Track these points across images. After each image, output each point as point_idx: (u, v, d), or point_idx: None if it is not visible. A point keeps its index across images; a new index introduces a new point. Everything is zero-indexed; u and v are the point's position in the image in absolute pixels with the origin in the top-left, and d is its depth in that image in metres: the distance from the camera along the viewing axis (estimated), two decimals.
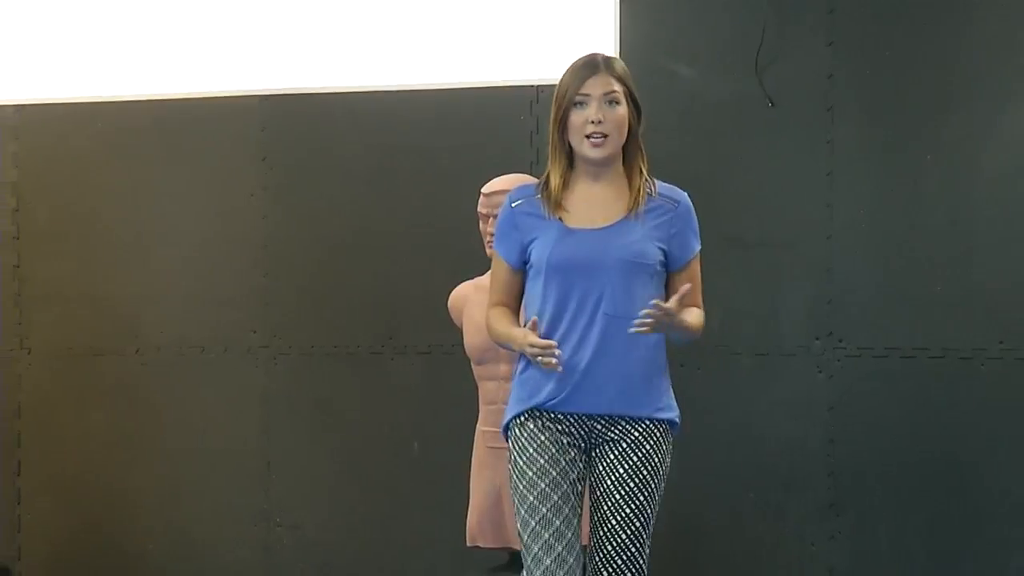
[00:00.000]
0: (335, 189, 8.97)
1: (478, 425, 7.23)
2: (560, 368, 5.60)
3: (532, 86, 8.45)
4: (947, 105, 8.06)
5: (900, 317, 8.13)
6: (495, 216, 6.32)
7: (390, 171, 8.87)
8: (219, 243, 9.14)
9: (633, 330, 5.54)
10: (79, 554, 9.32)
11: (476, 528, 7.68)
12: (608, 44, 8.27)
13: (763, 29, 8.21)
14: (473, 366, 7.53)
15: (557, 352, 5.57)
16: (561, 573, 5.67)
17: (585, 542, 5.87)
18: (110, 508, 9.28)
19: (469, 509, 7.80)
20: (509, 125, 7.22)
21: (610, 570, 5.75)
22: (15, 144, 9.49)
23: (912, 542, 8.12)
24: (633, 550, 5.75)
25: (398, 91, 8.98)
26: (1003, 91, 7.99)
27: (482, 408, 7.17)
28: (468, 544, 7.81)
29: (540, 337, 5.63)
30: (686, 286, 5.60)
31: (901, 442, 8.14)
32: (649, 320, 5.52)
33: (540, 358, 5.57)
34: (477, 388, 7.29)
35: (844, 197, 8.19)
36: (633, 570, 5.75)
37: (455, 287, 7.22)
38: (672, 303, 5.54)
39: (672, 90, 8.30)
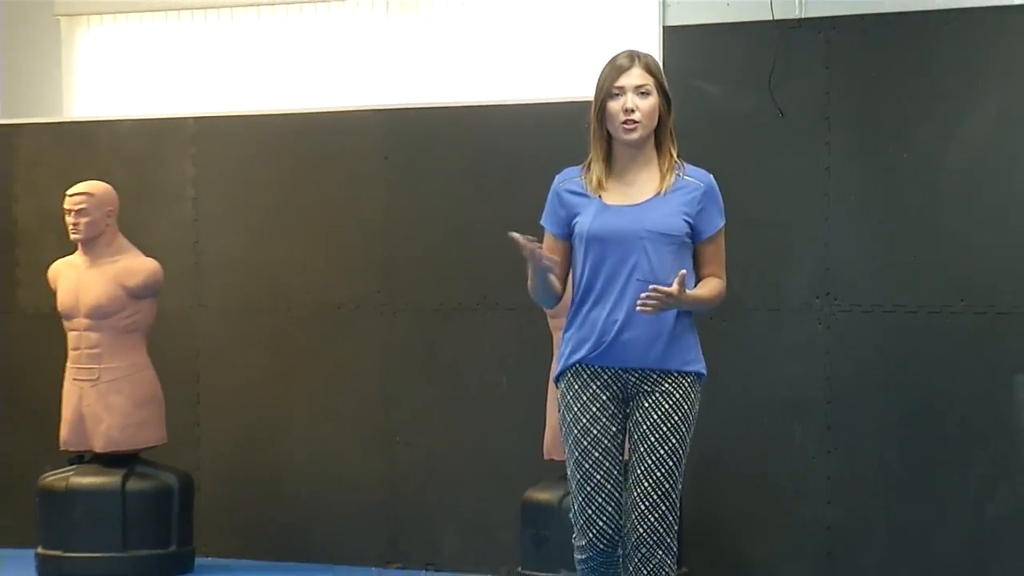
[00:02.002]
0: (440, 182, 8.96)
1: (552, 364, 7.07)
2: (545, 263, 5.34)
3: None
4: (920, 115, 7.99)
5: (883, 280, 8.05)
6: None
7: (484, 168, 8.84)
8: (350, 223, 9.14)
9: (638, 309, 5.27)
10: (243, 464, 9.37)
11: (550, 444, 7.81)
12: None
13: (774, 56, 8.11)
14: (548, 319, 7.64)
15: (535, 244, 5.31)
16: (602, 521, 5.39)
17: None
18: (267, 429, 9.31)
19: (545, 430, 7.90)
20: (574, 133, 6.95)
21: (647, 503, 5.38)
22: (193, 148, 9.46)
23: (892, 457, 8.03)
24: (667, 486, 5.38)
25: (488, 105, 9.00)
26: (964, 104, 7.90)
27: (556, 351, 6.89)
28: (544, 457, 8.01)
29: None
30: (681, 272, 5.26)
31: (884, 379, 8.06)
32: (651, 302, 5.24)
33: (534, 257, 5.32)
34: (552, 336, 7.29)
35: (838, 187, 8.12)
36: (667, 504, 5.38)
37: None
38: (673, 287, 5.22)
39: (702, 104, 8.20)
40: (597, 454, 5.41)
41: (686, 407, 5.41)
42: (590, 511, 5.40)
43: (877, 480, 8.01)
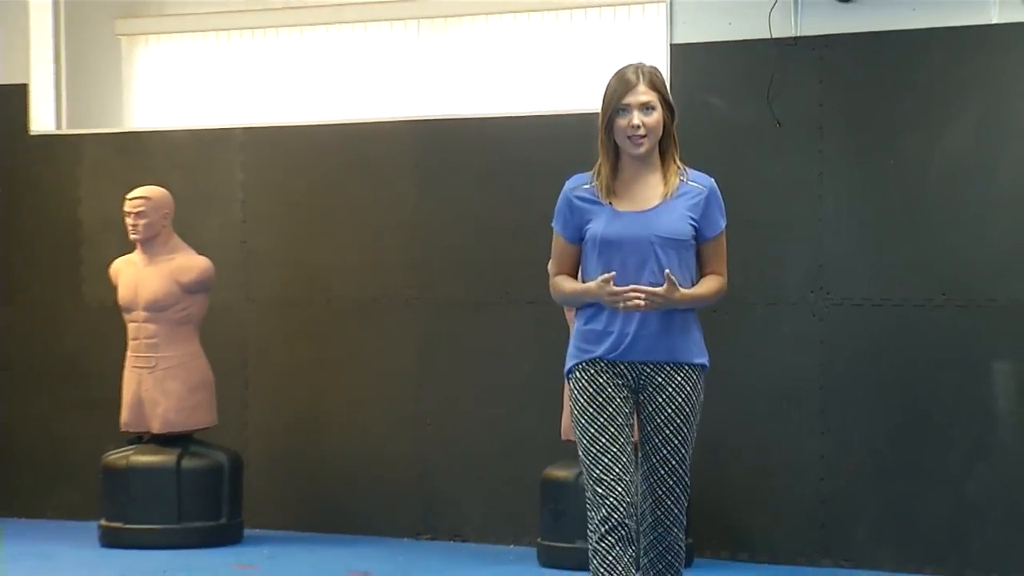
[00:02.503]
0: (466, 187, 8.94)
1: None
2: (643, 304, 5.11)
3: None
4: (906, 125, 7.96)
5: (872, 276, 8.02)
6: None
7: (504, 174, 8.82)
8: (384, 224, 9.14)
9: (621, 307, 5.12)
10: (288, 444, 9.36)
11: (567, 427, 7.75)
12: None
13: (772, 71, 8.09)
14: (565, 312, 7.54)
15: (640, 297, 5.12)
16: (619, 489, 5.16)
17: None
18: (309, 412, 9.30)
19: (562, 413, 7.86)
20: (587, 142, 6.91)
21: (663, 489, 5.26)
22: (242, 155, 9.47)
23: (879, 438, 7.99)
24: (680, 473, 5.26)
25: (508, 117, 9.01)
26: (946, 115, 7.88)
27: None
28: (562, 438, 7.98)
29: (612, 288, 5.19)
30: (666, 272, 5.13)
31: (873, 366, 8.04)
32: (641, 301, 5.10)
33: (617, 303, 5.11)
34: (567, 328, 7.03)
35: (831, 191, 8.09)
36: (680, 488, 5.26)
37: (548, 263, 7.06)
38: (664, 287, 5.10)
39: (707, 115, 8.18)
40: (613, 429, 5.21)
41: (694, 399, 5.28)
42: (605, 485, 5.18)
43: (866, 459, 7.98)
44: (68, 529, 9.27)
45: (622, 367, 5.25)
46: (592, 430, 5.21)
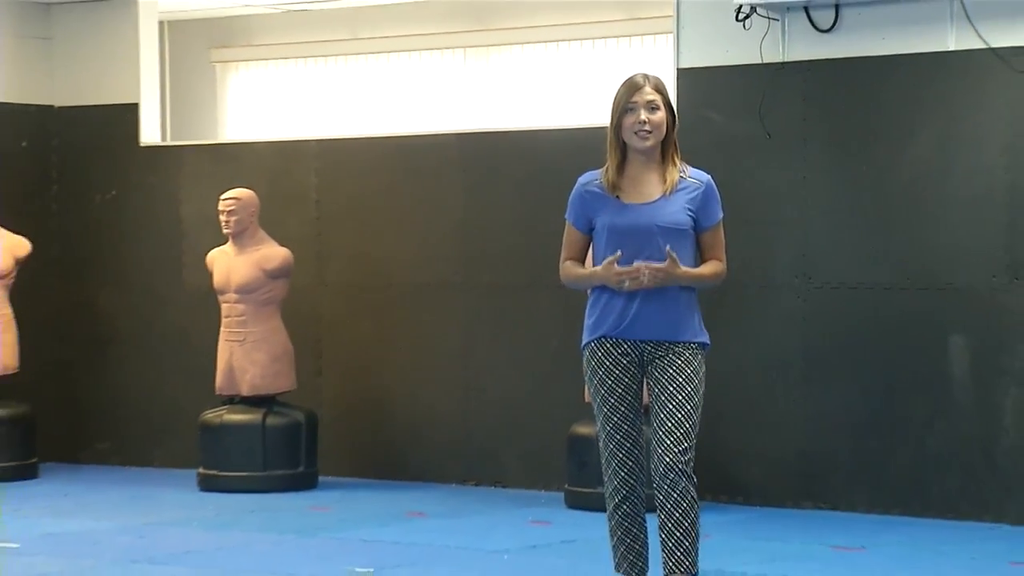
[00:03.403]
0: (505, 189, 8.88)
1: None
2: (646, 280, 4.96)
3: None
4: (876, 137, 7.90)
5: (848, 264, 7.96)
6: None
7: (536, 178, 8.71)
8: (436, 221, 9.06)
9: (627, 285, 4.97)
10: (355, 405, 9.32)
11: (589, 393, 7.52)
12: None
13: (763, 92, 8.02)
14: (587, 294, 7.35)
15: (641, 268, 4.98)
16: (628, 465, 5.09)
17: None
18: (373, 379, 9.27)
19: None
20: (603, 151, 6.92)
21: (671, 440, 5.04)
22: (316, 163, 9.41)
23: (854, 401, 7.94)
24: (687, 426, 5.06)
25: (539, 130, 8.95)
26: (908, 129, 7.83)
27: None
28: (585, 400, 7.76)
29: (602, 284, 5.09)
30: (667, 248, 4.97)
31: (848, 341, 7.98)
32: (646, 278, 4.96)
33: (623, 284, 4.98)
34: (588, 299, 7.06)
35: (813, 192, 8.04)
36: (687, 440, 5.05)
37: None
38: (666, 263, 4.96)
39: (708, 128, 8.11)
40: (624, 408, 5.10)
41: (695, 364, 5.11)
42: (616, 462, 5.10)
43: (842, 419, 7.93)
44: (172, 476, 9.30)
45: (627, 346, 5.09)
46: (605, 410, 5.11)
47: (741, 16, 7.93)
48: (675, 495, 5.05)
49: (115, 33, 9.86)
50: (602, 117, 8.76)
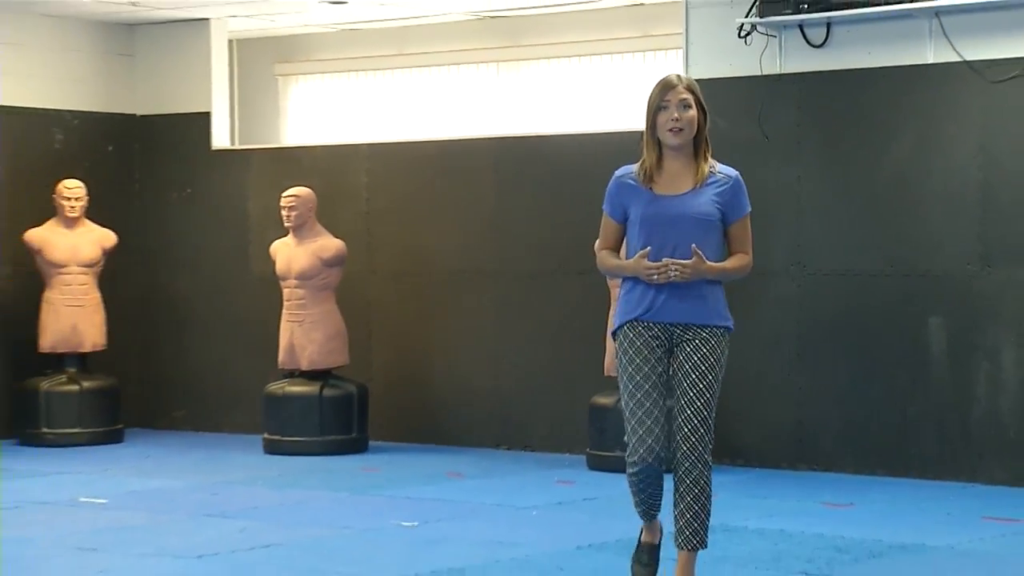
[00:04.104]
0: (533, 187, 8.80)
1: (610, 314, 6.85)
2: (676, 276, 4.77)
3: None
4: (861, 141, 7.87)
5: (838, 254, 7.93)
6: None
7: (563, 177, 8.69)
8: (471, 216, 9.04)
9: (656, 279, 4.76)
10: (401, 378, 9.30)
11: (609, 365, 7.74)
12: None
13: (762, 100, 8.00)
14: (608, 280, 7.44)
15: (669, 264, 4.78)
16: (650, 439, 4.82)
17: None
18: (417, 355, 9.26)
19: (605, 355, 7.86)
20: (621, 153, 6.90)
21: (690, 427, 4.86)
22: (367, 164, 9.37)
23: (842, 374, 7.92)
24: (705, 413, 4.86)
25: (564, 135, 8.90)
26: (891, 134, 7.79)
27: (613, 304, 6.78)
28: (604, 374, 8.11)
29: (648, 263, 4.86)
30: (693, 246, 4.76)
31: (838, 321, 7.96)
32: (674, 273, 4.76)
33: (654, 276, 4.77)
34: (609, 292, 7.17)
35: (806, 189, 8.01)
36: (705, 427, 4.87)
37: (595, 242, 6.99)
38: (693, 260, 4.74)
39: (714, 132, 7.79)
40: (648, 386, 4.83)
41: (718, 352, 4.88)
42: (642, 431, 4.84)
43: (832, 390, 7.91)
44: (239, 440, 9.31)
45: (657, 328, 4.86)
46: (631, 386, 4.85)
47: (743, 33, 7.93)
48: (689, 480, 4.91)
49: (190, 50, 9.88)
50: (618, 124, 8.84)
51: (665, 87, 4.87)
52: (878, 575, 5.57)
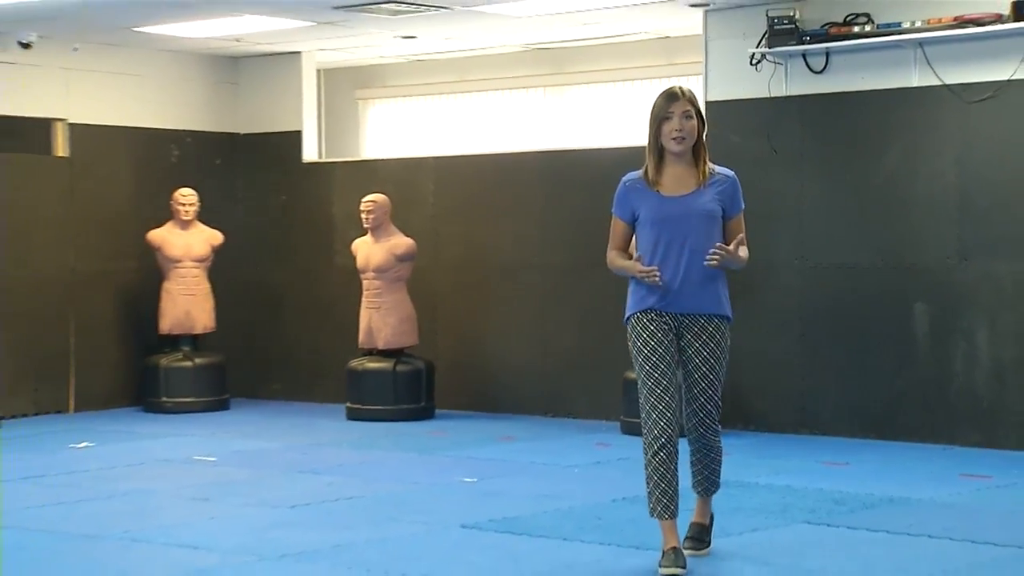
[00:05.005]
0: (574, 193, 8.74)
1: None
2: (659, 283, 4.66)
3: None
4: (855, 154, 7.81)
5: (836, 248, 7.88)
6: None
7: (599, 184, 8.44)
8: (520, 217, 9.00)
9: (706, 264, 4.66)
10: (462, 356, 9.26)
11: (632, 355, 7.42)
12: None
13: (770, 120, 8.01)
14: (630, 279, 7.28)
15: (657, 273, 4.66)
16: (665, 418, 4.66)
17: None
18: (475, 336, 9.21)
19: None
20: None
21: (699, 404, 4.81)
22: (434, 174, 9.37)
23: (839, 352, 7.87)
24: (713, 394, 4.81)
25: (599, 148, 8.84)
26: (881, 147, 7.72)
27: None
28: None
29: (644, 266, 4.71)
30: (740, 236, 4.67)
31: (836, 307, 7.89)
32: (716, 257, 4.66)
33: (646, 278, 4.68)
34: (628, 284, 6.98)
35: (808, 194, 7.96)
36: (713, 405, 4.82)
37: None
38: (732, 246, 4.68)
39: (730, 146, 7.96)
40: (663, 366, 4.68)
41: (724, 343, 4.78)
42: (661, 407, 4.67)
43: (830, 364, 7.86)
44: (326, 409, 9.35)
45: (667, 316, 4.73)
46: (647, 367, 4.68)
47: (754, 61, 7.95)
48: (703, 447, 4.88)
49: (284, 79, 9.93)
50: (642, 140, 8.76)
51: (669, 99, 4.70)
52: (870, 523, 5.56)
